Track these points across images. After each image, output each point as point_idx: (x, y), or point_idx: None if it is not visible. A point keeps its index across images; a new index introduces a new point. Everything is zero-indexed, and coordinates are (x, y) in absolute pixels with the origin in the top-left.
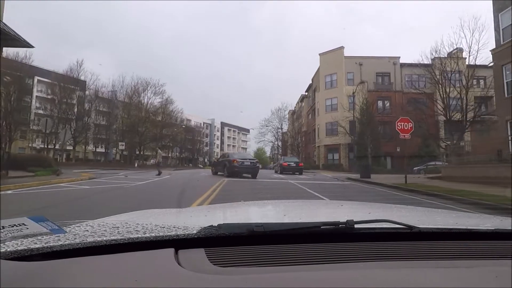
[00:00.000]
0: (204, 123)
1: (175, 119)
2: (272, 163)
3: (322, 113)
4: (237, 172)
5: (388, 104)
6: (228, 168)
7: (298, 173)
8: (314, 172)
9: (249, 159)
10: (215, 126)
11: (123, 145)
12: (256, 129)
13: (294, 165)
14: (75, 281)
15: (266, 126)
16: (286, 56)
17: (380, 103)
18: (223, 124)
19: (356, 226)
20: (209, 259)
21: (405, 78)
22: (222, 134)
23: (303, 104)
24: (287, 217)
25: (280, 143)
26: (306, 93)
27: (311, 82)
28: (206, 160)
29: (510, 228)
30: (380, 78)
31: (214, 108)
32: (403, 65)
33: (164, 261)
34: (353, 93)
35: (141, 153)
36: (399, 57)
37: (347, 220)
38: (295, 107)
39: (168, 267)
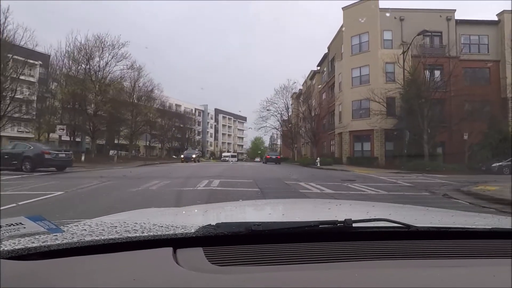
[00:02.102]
0: (196, 109)
1: (151, 99)
2: None
3: (347, 88)
4: (48, 165)
5: (439, 75)
6: (34, 160)
7: (278, 163)
8: (344, 170)
9: (64, 151)
10: (208, 113)
11: (62, 129)
12: (256, 112)
13: (275, 157)
14: (73, 280)
15: (268, 110)
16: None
17: (427, 73)
18: (217, 111)
19: (354, 225)
20: (207, 258)
21: (461, 39)
22: (217, 122)
23: (314, 81)
24: (286, 216)
25: (284, 128)
26: (319, 68)
27: (326, 51)
28: (197, 150)
29: (507, 227)
30: (428, 39)
31: (210, 96)
32: (459, 22)
33: (162, 260)
34: (404, 52)
35: (118, 142)
36: (455, 10)
37: (345, 219)
38: (300, 88)
39: (166, 266)
